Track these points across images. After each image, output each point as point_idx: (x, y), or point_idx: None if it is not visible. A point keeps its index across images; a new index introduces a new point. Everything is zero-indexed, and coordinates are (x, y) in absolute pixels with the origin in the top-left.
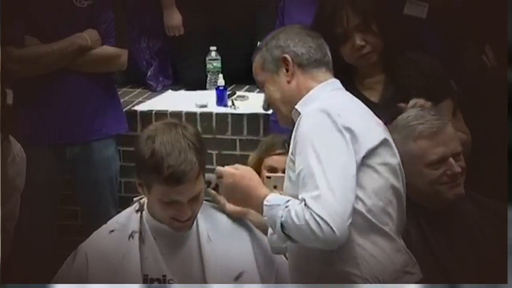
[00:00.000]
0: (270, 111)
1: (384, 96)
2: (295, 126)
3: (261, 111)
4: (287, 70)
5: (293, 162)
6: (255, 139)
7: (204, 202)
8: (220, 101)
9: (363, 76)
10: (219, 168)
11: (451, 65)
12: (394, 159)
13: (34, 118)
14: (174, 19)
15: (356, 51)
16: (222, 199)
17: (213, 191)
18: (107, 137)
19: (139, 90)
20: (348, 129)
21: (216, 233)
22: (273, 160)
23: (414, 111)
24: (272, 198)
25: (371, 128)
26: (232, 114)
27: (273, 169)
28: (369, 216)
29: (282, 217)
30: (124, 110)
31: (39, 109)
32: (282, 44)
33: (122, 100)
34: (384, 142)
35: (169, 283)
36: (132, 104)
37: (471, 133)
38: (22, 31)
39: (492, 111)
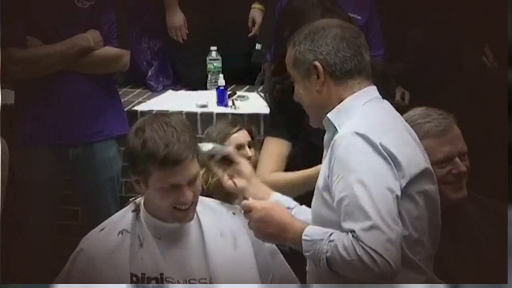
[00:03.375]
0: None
1: None
2: (331, 148)
3: (262, 111)
4: (317, 77)
5: (328, 185)
6: (256, 139)
7: (206, 198)
8: (221, 101)
9: None
10: (246, 202)
11: (451, 66)
12: (433, 186)
13: (36, 118)
14: (177, 19)
15: None
16: (221, 172)
17: (216, 168)
18: (109, 138)
19: (140, 90)
20: (392, 155)
21: (227, 232)
22: (238, 138)
23: (419, 110)
24: (311, 232)
25: (414, 154)
26: (233, 114)
27: (241, 145)
28: (403, 246)
29: (327, 252)
30: (124, 110)
31: (41, 110)
32: (316, 49)
33: (122, 100)
34: (425, 171)
35: (166, 281)
36: (132, 104)
37: (471, 133)
38: (24, 32)
39: (492, 111)
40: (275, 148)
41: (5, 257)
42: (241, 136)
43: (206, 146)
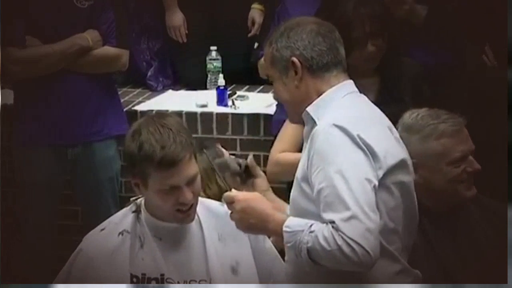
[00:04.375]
0: (272, 112)
1: (380, 97)
2: (310, 139)
3: (262, 111)
4: (295, 73)
5: (307, 176)
6: (256, 139)
7: (207, 200)
8: (221, 101)
9: (360, 76)
10: (228, 193)
11: (451, 66)
12: (409, 177)
13: (35, 118)
14: (176, 19)
15: (367, 55)
16: (237, 185)
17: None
18: (108, 137)
19: (139, 90)
20: (369, 147)
21: (227, 234)
22: None
23: (424, 110)
24: (292, 223)
25: (390, 146)
26: (233, 114)
27: None
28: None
29: (308, 243)
30: (124, 110)
31: (40, 109)
32: (292, 45)
33: (122, 100)
34: (402, 162)
35: (167, 281)
36: (132, 104)
37: (471, 133)
38: (23, 32)
39: (492, 111)
40: (290, 130)
41: (5, 257)
42: None
43: (225, 161)
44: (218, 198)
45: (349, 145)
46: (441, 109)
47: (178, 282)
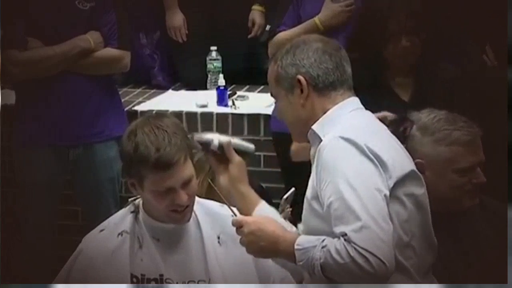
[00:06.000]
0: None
1: (414, 98)
2: (316, 155)
3: (262, 111)
4: (301, 91)
5: (317, 193)
6: (256, 139)
7: (205, 200)
8: (221, 101)
9: (396, 73)
10: (236, 218)
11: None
12: (421, 190)
13: (36, 119)
14: (177, 19)
15: (401, 50)
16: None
17: (214, 160)
18: (109, 138)
19: (140, 90)
20: (378, 157)
21: (226, 235)
22: None
23: (442, 113)
24: (303, 240)
25: (399, 157)
26: (233, 114)
27: None
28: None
29: (320, 259)
30: (125, 110)
31: (41, 110)
32: (298, 63)
33: (122, 100)
34: (412, 173)
35: (166, 282)
36: (132, 104)
37: None
38: (24, 33)
39: (492, 111)
40: None
41: (5, 257)
42: None
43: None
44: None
45: (357, 156)
46: (459, 115)
47: (177, 283)
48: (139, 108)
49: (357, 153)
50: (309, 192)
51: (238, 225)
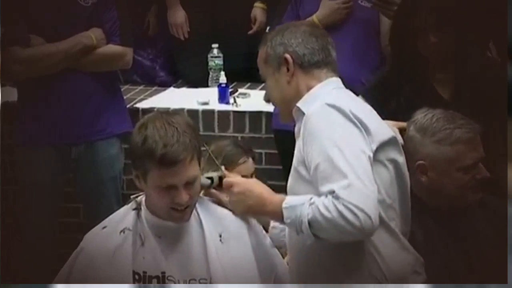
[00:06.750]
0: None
1: (455, 96)
2: (302, 124)
3: (263, 108)
4: (287, 70)
5: (303, 158)
6: (257, 137)
7: (208, 198)
8: (222, 98)
9: (436, 69)
10: (226, 179)
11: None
12: (401, 158)
13: (38, 117)
14: (178, 17)
15: (430, 47)
16: (224, 197)
17: (214, 191)
18: (111, 136)
19: (141, 87)
20: (361, 122)
21: (227, 233)
22: (241, 170)
23: (439, 112)
24: (290, 200)
25: (380, 124)
26: (234, 112)
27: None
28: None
29: (308, 215)
30: (126, 107)
31: (42, 109)
32: (286, 42)
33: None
34: (393, 139)
35: (168, 279)
36: (134, 102)
37: None
38: (25, 30)
39: (492, 111)
40: None
41: (5, 257)
42: (246, 167)
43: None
44: None
45: (342, 120)
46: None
47: (179, 280)
48: (141, 105)
49: (342, 117)
50: (295, 160)
51: (228, 186)
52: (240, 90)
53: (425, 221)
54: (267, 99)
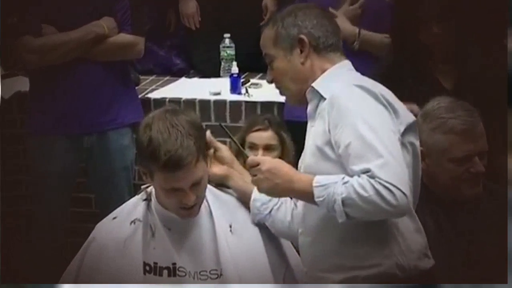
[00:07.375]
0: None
1: (457, 84)
2: (328, 103)
3: (275, 99)
4: (301, 51)
5: (330, 139)
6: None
7: (217, 189)
8: (234, 88)
9: (438, 59)
10: (252, 157)
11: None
12: (417, 142)
13: (50, 107)
14: (190, 7)
15: (433, 37)
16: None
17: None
18: (123, 126)
19: (153, 77)
20: (390, 104)
21: (237, 224)
22: (253, 137)
23: (447, 101)
24: (321, 179)
25: (404, 108)
26: (246, 102)
27: (254, 146)
28: None
29: (342, 193)
30: (139, 97)
31: (53, 98)
32: (300, 24)
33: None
34: (414, 123)
35: (179, 270)
36: (145, 92)
37: None
38: (38, 20)
39: (492, 111)
40: None
41: (5, 257)
42: (259, 136)
43: None
44: None
45: (372, 101)
46: (466, 103)
47: (190, 271)
48: (152, 95)
49: (371, 99)
50: (319, 140)
51: (255, 164)
52: (252, 80)
53: (435, 211)
54: (271, 80)
